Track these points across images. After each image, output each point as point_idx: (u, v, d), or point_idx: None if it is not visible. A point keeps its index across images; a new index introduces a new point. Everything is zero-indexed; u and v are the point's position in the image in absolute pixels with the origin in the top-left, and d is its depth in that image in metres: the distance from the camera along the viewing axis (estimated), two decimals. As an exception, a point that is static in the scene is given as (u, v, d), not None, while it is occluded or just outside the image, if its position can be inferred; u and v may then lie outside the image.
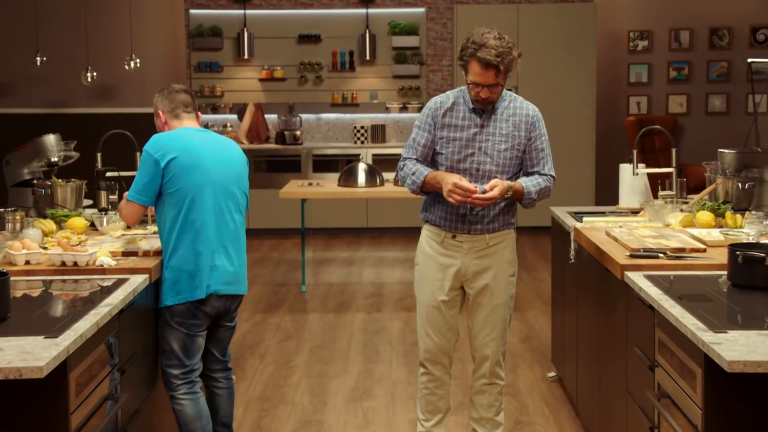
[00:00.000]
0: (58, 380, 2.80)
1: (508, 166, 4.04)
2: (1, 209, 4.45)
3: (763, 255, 3.29)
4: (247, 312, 7.35)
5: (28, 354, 2.69)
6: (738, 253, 3.35)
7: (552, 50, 10.79)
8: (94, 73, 9.95)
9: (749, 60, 10.18)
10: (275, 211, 10.67)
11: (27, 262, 3.92)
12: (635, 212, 5.10)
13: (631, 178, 5.28)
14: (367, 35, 11.24)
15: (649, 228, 4.50)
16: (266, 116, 11.40)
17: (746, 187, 4.80)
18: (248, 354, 6.29)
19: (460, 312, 4.21)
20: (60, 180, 5.21)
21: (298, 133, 11.21)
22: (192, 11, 11.31)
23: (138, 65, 10.18)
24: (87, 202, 5.49)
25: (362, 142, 11.26)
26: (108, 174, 5.05)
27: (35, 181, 5.29)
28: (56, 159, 5.54)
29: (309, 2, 11.33)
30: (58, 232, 4.56)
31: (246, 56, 11.26)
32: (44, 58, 10.11)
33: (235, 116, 11.50)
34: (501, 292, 4.14)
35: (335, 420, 5.11)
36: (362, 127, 11.32)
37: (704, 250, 3.96)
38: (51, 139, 5.53)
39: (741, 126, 11.36)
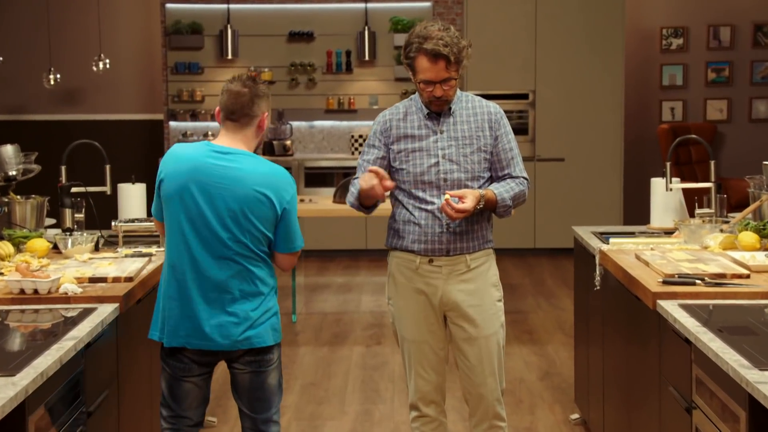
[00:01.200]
0: (15, 425, 2.79)
1: (477, 171, 4.08)
2: (-47, 229, 4.46)
3: (814, 282, 3.28)
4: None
5: (-19, 394, 2.69)
6: (785, 279, 3.35)
7: (574, 49, 10.82)
8: (58, 75, 9.98)
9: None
10: (262, 231, 10.67)
11: (-19, 290, 3.92)
12: (669, 233, 5.10)
13: (664, 194, 5.28)
14: (366, 33, 11.27)
15: (684, 251, 4.50)
16: (252, 124, 11.42)
17: (795, 204, 4.80)
18: (231, 393, 6.26)
19: (448, 341, 4.21)
20: (19, 196, 5.21)
21: (288, 142, 11.23)
22: (168, 6, 11.34)
23: (107, 66, 10.21)
24: (49, 221, 5.49)
25: (360, 153, 11.25)
26: (73, 190, 5.05)
27: (-9, 198, 5.29)
28: (14, 173, 5.55)
29: (300, -5, 11.39)
30: (16, 255, 4.56)
31: (230, 56, 11.29)
32: (1, 58, 10.13)
33: (217, 124, 11.47)
34: (490, 320, 4.13)
35: (330, 468, 5.10)
36: (360, 136, 11.35)
37: (748, 276, 3.96)
38: (8, 150, 5.54)
39: (789, 135, 11.40)
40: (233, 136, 3.82)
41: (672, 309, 3.57)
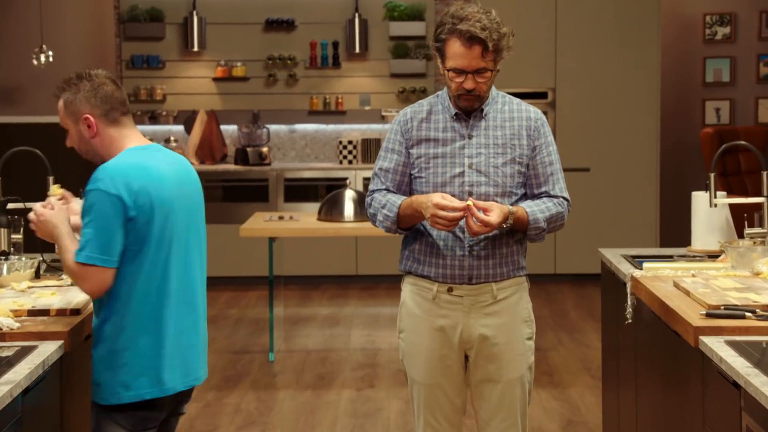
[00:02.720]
0: (-60, 484, 2.78)
1: (509, 185, 4.08)
2: None
3: None
4: (196, 389, 7.31)
5: None
6: None
7: (602, 42, 10.84)
8: (-7, 71, 9.98)
9: None
10: (235, 254, 10.66)
11: None
12: (713, 256, 5.10)
13: (708, 211, 5.28)
14: (357, 21, 11.30)
15: (732, 278, 4.50)
16: (222, 128, 11.43)
17: None
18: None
19: (467, 385, 4.21)
20: (-54, 213, 5.20)
21: (265, 149, 11.23)
22: (124, -12, 11.38)
23: (51, 59, 10.21)
24: (-19, 243, 5.48)
25: (350, 162, 11.28)
26: (10, 206, 5.04)
27: None
28: (-60, 186, 5.54)
29: (279, -24, 11.41)
30: (-58, 283, 4.55)
31: (195, 48, 11.30)
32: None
33: (181, 127, 11.52)
34: (517, 361, 4.13)
35: None
36: (350, 142, 11.35)
37: (806, 308, 3.96)
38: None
39: None
40: (137, 134, 3.90)
41: (717, 347, 3.56)
